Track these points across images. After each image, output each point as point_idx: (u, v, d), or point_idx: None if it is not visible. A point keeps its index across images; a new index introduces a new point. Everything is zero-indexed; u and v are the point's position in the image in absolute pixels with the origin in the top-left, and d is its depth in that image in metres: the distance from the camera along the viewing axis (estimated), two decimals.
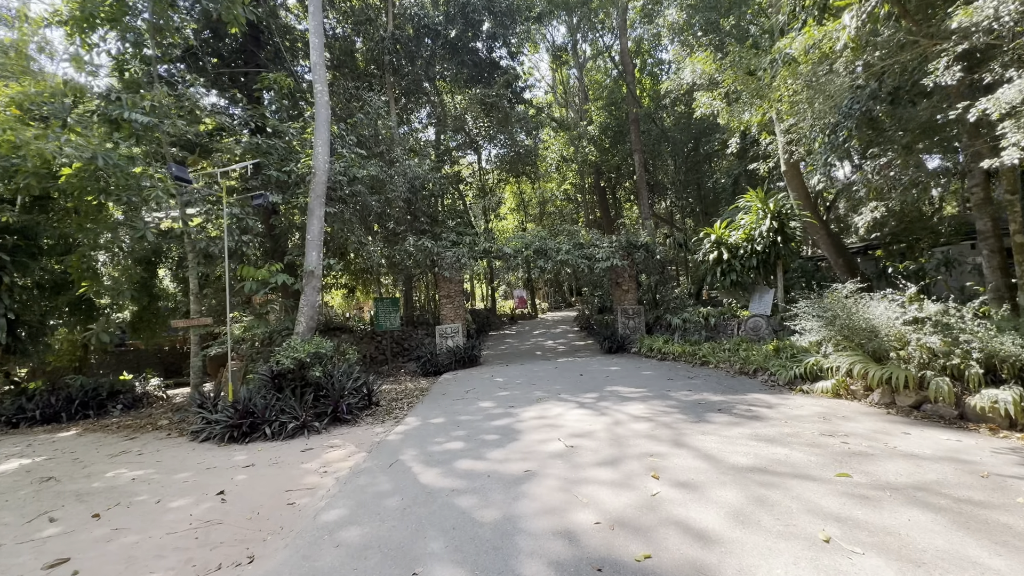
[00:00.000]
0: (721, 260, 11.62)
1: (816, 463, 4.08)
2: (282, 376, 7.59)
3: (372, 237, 13.72)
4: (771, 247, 10.86)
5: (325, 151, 9.61)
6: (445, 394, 9.08)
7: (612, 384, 8.55)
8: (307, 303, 9.18)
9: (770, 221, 10.68)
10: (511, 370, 11.34)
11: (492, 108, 18.98)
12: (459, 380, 10.67)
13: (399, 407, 8.48)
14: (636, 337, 13.62)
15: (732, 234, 11.80)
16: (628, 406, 6.71)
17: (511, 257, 13.62)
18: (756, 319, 11.44)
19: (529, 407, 7.19)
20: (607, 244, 13.62)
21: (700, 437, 5.02)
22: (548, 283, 46.86)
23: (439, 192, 16.87)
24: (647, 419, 5.92)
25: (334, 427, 7.20)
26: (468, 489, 4.05)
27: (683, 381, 8.37)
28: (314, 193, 9.42)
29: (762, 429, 5.18)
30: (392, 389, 10.49)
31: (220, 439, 6.72)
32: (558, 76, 35.24)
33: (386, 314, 13.38)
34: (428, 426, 6.58)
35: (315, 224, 9.40)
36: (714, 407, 6.33)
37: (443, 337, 13.23)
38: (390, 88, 17.83)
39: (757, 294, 11.65)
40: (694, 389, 7.60)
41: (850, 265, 12.80)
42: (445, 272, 13.21)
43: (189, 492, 4.72)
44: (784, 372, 7.55)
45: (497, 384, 9.54)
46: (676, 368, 10.01)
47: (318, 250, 9.40)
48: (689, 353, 10.74)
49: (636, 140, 21.62)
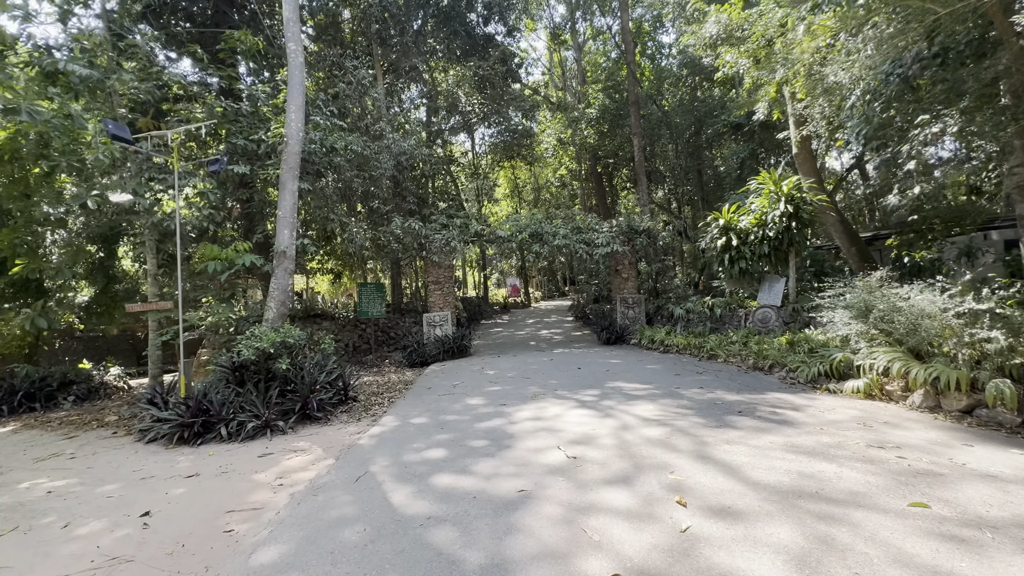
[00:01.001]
0: (730, 246, 10.84)
1: (877, 485, 3.32)
2: (244, 368, 6.72)
3: (355, 217, 12.77)
4: (784, 233, 10.09)
5: (299, 118, 8.63)
6: (430, 388, 8.27)
7: (614, 379, 7.78)
8: (278, 287, 8.29)
9: (784, 205, 9.90)
10: (503, 362, 10.55)
11: (486, 84, 17.95)
12: (447, 372, 9.86)
13: (379, 403, 7.66)
14: (636, 328, 12.87)
15: (742, 219, 11.02)
16: (635, 406, 5.93)
17: (505, 241, 12.76)
18: (765, 310, 10.72)
19: (523, 405, 6.40)
20: (607, 229, 12.79)
21: (726, 447, 4.25)
22: (542, 272, 46.11)
23: (430, 172, 15.89)
24: (659, 422, 5.14)
25: (302, 426, 6.37)
26: (448, 517, 3.24)
27: (692, 377, 7.62)
28: (286, 164, 8.47)
29: (797, 437, 4.42)
30: (374, 382, 9.66)
31: (169, 440, 5.86)
32: (555, 58, 34.08)
33: (370, 300, 12.49)
34: (408, 427, 5.76)
35: (287, 199, 8.46)
36: (733, 408, 5.57)
37: (431, 325, 12.39)
38: (377, 61, 16.72)
39: (767, 283, 10.91)
40: (706, 386, 6.84)
41: (863, 254, 12.09)
42: (434, 256, 12.33)
43: (109, 512, 3.87)
44: (805, 369, 6.81)
45: (488, 378, 8.74)
46: (681, 362, 9.27)
47: (291, 228, 8.47)
48: (695, 346, 10.00)
49: (636, 123, 20.66)
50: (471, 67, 16.64)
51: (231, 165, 8.38)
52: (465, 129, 23.67)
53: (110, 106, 8.01)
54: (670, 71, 24.42)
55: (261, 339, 6.41)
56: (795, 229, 10.04)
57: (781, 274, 10.98)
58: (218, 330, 7.89)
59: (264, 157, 8.92)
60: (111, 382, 10.07)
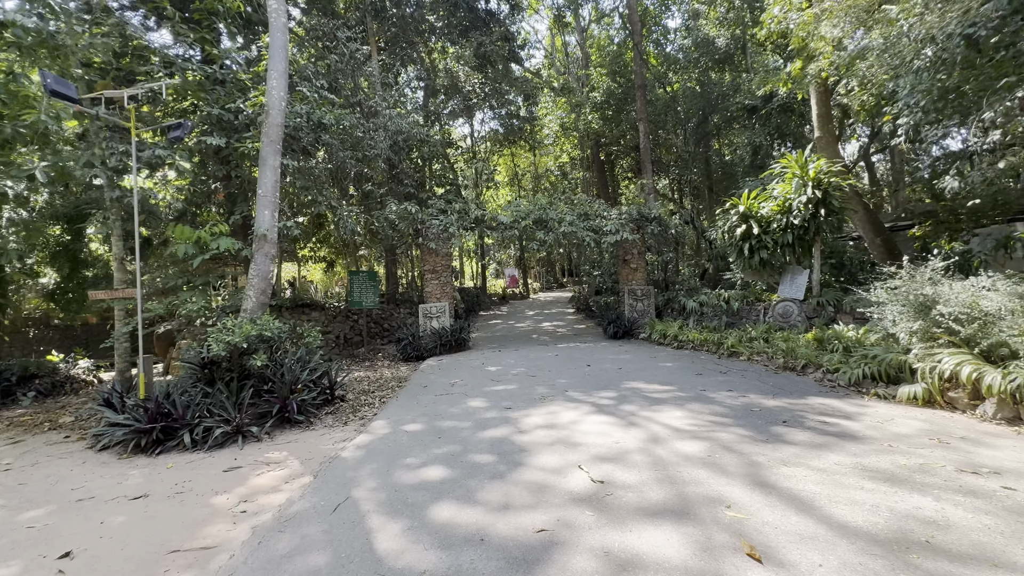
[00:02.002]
0: (750, 235, 10.07)
1: (1001, 531, 2.59)
2: (215, 365, 5.92)
3: (347, 200, 11.92)
4: (811, 221, 9.33)
5: (281, 85, 7.75)
6: (426, 386, 7.52)
7: (629, 379, 7.04)
8: (257, 273, 7.46)
9: (811, 190, 9.12)
10: (505, 357, 9.80)
11: (488, 63, 17.00)
12: (444, 368, 9.11)
13: (369, 403, 6.90)
14: (645, 321, 12.13)
15: (763, 206, 10.25)
16: (661, 412, 5.19)
17: (507, 228, 11.94)
18: (786, 304, 9.99)
19: (531, 409, 5.65)
20: (616, 215, 11.99)
21: (784, 470, 3.52)
22: (540, 262, 45.29)
23: (428, 155, 15.00)
24: (695, 435, 4.40)
25: (280, 432, 5.60)
26: (447, 574, 2.48)
27: (716, 377, 6.89)
28: (267, 137, 7.60)
29: (866, 457, 3.69)
30: (364, 378, 8.89)
31: (124, 448, 5.09)
32: (557, 42, 33.00)
33: (362, 290, 11.69)
34: (400, 436, 5.00)
35: (268, 176, 7.61)
36: (776, 417, 4.84)
37: (427, 317, 11.61)
38: (372, 37, 15.74)
39: (788, 275, 10.17)
40: (736, 388, 6.11)
41: (889, 245, 11.36)
42: (431, 243, 11.51)
43: (22, 550, 3.10)
44: (847, 370, 6.08)
45: (489, 375, 7.99)
46: (699, 359, 8.54)
47: (272, 208, 7.63)
48: (712, 342, 9.27)
49: (642, 108, 19.74)
50: (472, 42, 15.65)
51: (205, 136, 7.50)
52: (465, 113, 22.70)
53: (68, 67, 7.11)
54: (677, 57, 23.48)
55: (233, 332, 5.62)
56: (822, 217, 9.28)
57: (803, 265, 10.24)
58: (194, 321, 7.08)
59: (243, 129, 8.04)
60: (79, 376, 9.26)
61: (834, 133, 11.90)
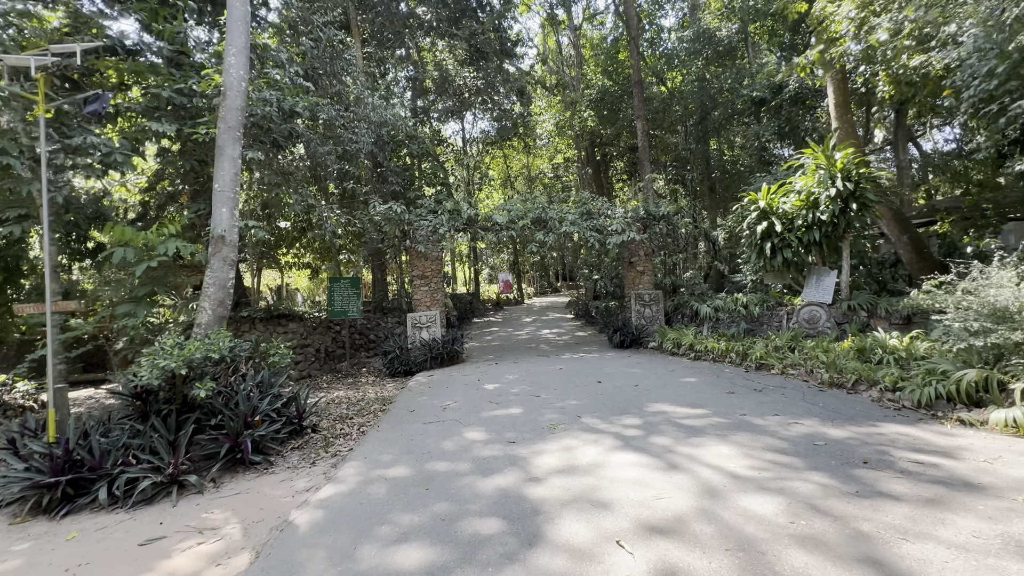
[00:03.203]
0: (771, 233, 9.15)
1: None
2: (151, 396, 4.82)
3: (327, 200, 10.84)
4: (840, 216, 8.43)
5: (241, 63, 6.69)
6: (414, 411, 6.45)
7: (651, 399, 6.03)
8: (214, 281, 6.37)
9: (841, 182, 8.22)
10: (503, 371, 8.76)
11: (479, 55, 16.06)
12: (435, 385, 8.05)
13: (345, 433, 5.82)
14: (654, 329, 11.16)
15: (783, 201, 9.35)
16: (704, 446, 4.18)
17: (502, 229, 10.93)
18: (813, 308, 9.07)
19: (541, 444, 4.61)
20: (621, 214, 11.03)
21: (908, 547, 2.51)
22: (534, 267, 44.35)
23: (417, 152, 13.97)
24: (761, 484, 3.39)
25: (231, 478, 4.50)
26: None
27: (752, 396, 5.90)
28: (224, 123, 6.53)
29: (1008, 522, 2.70)
30: (344, 399, 7.80)
31: (21, 507, 3.97)
32: (550, 42, 32.24)
33: (344, 298, 10.59)
34: (376, 486, 3.93)
35: (226, 168, 6.54)
36: (852, 454, 3.84)
37: (416, 327, 10.54)
38: (355, 25, 14.74)
39: (814, 277, 9.26)
40: (783, 412, 5.12)
41: (917, 243, 10.51)
42: (419, 246, 10.46)
43: None
44: (914, 388, 5.12)
45: (487, 395, 6.94)
46: (723, 373, 7.56)
47: (231, 205, 6.55)
48: (736, 352, 8.30)
49: (639, 105, 18.92)
50: (464, 30, 14.68)
51: (151, 123, 6.41)
52: (456, 112, 21.74)
53: None
54: (676, 50, 22.73)
55: (170, 355, 4.52)
56: (853, 212, 8.39)
57: (830, 266, 9.34)
58: (134, 340, 5.97)
59: (198, 115, 6.96)
60: (13, 401, 8.05)
61: (853, 123, 11.08)
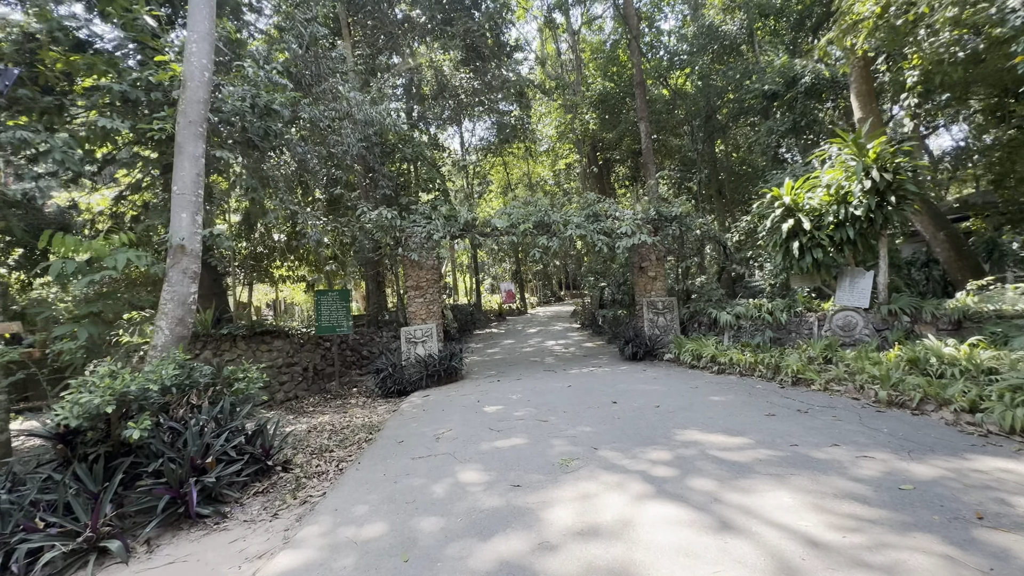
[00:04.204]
0: (798, 232, 8.30)
1: None
2: (79, 437, 3.99)
3: (312, 206, 10.08)
4: (876, 211, 7.59)
5: (204, 51, 5.95)
6: (403, 441, 5.59)
7: (677, 423, 5.16)
8: (172, 297, 5.57)
9: (878, 173, 7.38)
10: (506, 389, 7.90)
11: (475, 55, 15.41)
12: (430, 409, 7.19)
13: (321, 471, 4.97)
14: (669, 339, 10.28)
15: (809, 196, 8.52)
16: (759, 493, 3.31)
17: (503, 234, 10.13)
18: (848, 314, 8.20)
19: (552, 489, 3.75)
20: (630, 215, 10.21)
21: None
22: (537, 275, 43.54)
23: (411, 156, 13.23)
24: (851, 554, 2.51)
25: (173, 536, 3.65)
26: None
27: (797, 420, 5.02)
28: (184, 117, 5.78)
29: None
30: (328, 425, 6.95)
31: None
32: (549, 48, 31.76)
33: (332, 312, 9.78)
34: (346, 553, 3.07)
35: (186, 168, 5.76)
36: (955, 502, 2.96)
37: (411, 342, 9.70)
38: (346, 28, 14.13)
39: (847, 279, 8.39)
40: (842, 441, 4.24)
41: (954, 240, 9.65)
42: (412, 254, 9.66)
43: None
44: (1005, 410, 4.23)
45: (487, 420, 6.07)
46: (754, 389, 6.68)
47: (192, 210, 5.77)
48: (766, 365, 7.40)
49: (642, 106, 18.22)
50: (456, 28, 14.02)
51: (101, 119, 5.66)
52: (453, 120, 21.10)
53: None
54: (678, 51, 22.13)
55: (96, 390, 3.69)
56: (891, 206, 7.55)
57: (865, 266, 8.48)
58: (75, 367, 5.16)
59: (155, 107, 6.21)
60: None
61: (879, 113, 10.29)
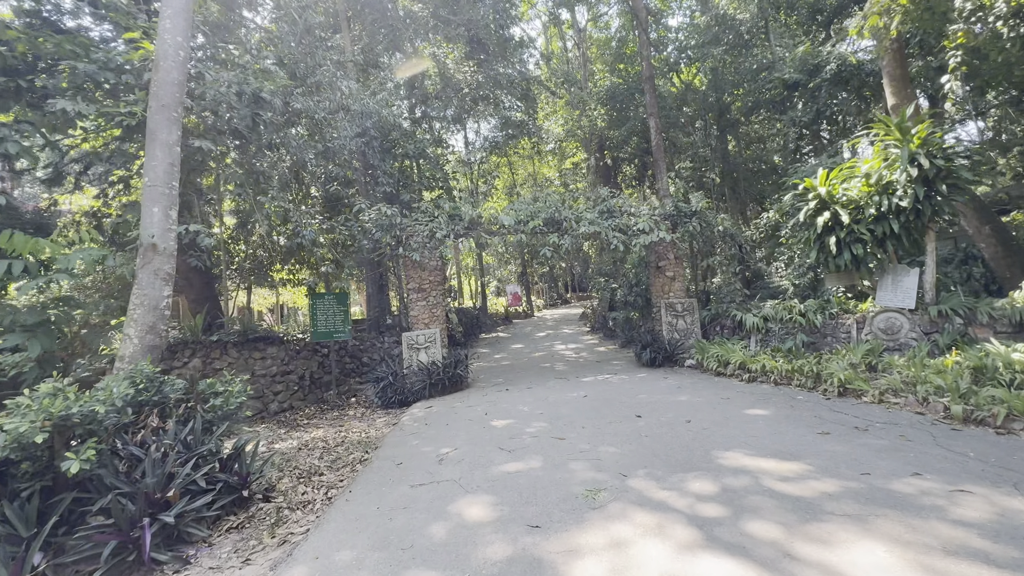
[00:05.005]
0: (835, 226, 7.58)
1: None
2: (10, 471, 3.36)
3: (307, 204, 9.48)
4: (924, 203, 6.86)
5: (179, 27, 5.36)
6: (401, 464, 4.93)
7: (716, 442, 4.46)
8: (142, 302, 4.97)
9: (927, 160, 6.65)
10: (516, 400, 7.22)
11: (478, 46, 14.83)
12: (433, 422, 6.53)
13: (306, 501, 4.32)
14: (690, 343, 9.57)
15: (844, 188, 7.80)
16: (838, 542, 2.61)
17: (510, 232, 9.48)
18: (891, 316, 7.46)
19: (577, 532, 3.06)
20: (647, 211, 9.53)
21: None
22: (543, 278, 42.84)
23: (413, 153, 12.63)
24: None
25: None
26: None
27: (855, 438, 4.31)
28: (157, 100, 5.18)
29: None
30: (321, 441, 6.31)
31: None
32: (555, 46, 31.16)
33: (329, 316, 9.16)
34: None
35: (159, 157, 5.16)
36: None
37: (413, 348, 9.07)
38: (346, 26, 13.59)
39: (889, 277, 7.65)
40: (923, 468, 3.53)
41: (1001, 234, 8.86)
42: (414, 254, 9.03)
43: None
44: None
45: (496, 437, 5.40)
46: (795, 401, 5.96)
47: (165, 205, 5.17)
48: (805, 373, 6.67)
49: (652, 102, 17.50)
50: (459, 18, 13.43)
51: (64, 102, 5.07)
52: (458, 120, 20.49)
53: None
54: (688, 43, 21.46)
55: (27, 416, 3.06)
56: (939, 196, 6.82)
57: (909, 263, 7.74)
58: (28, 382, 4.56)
59: (124, 91, 5.62)
60: None
61: (914, 98, 9.54)
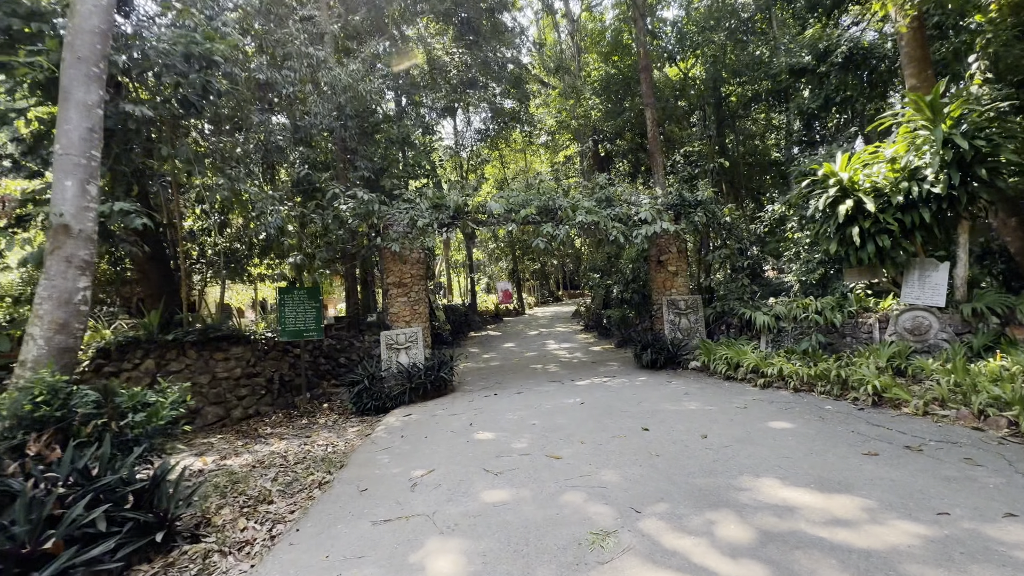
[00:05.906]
0: (859, 215, 6.86)
1: None
2: None
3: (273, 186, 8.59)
4: (959, 189, 6.18)
5: None
6: (366, 491, 4.12)
7: (740, 465, 3.71)
8: (51, 295, 4.08)
9: (965, 140, 5.95)
10: (504, 408, 6.43)
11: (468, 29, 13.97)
12: (410, 434, 5.72)
13: (244, 541, 3.49)
14: (694, 343, 8.85)
15: (866, 174, 7.10)
16: None
17: (500, 222, 8.68)
18: (918, 315, 6.78)
19: None
20: (648, 200, 8.77)
21: None
22: (535, 275, 42.10)
23: (397, 137, 11.74)
24: None
25: None
26: None
27: (909, 461, 3.58)
28: (72, 52, 4.28)
29: None
30: (281, 456, 5.46)
31: None
32: (548, 38, 30.33)
33: (299, 313, 8.29)
34: None
35: (73, 119, 4.27)
36: None
37: (392, 348, 8.25)
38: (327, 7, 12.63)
39: (916, 272, 6.97)
40: (1016, 507, 2.81)
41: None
42: (393, 245, 8.20)
43: None
44: None
45: (481, 455, 4.61)
46: (823, 410, 5.24)
47: (81, 177, 4.27)
48: (830, 379, 5.97)
49: (648, 92, 16.74)
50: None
51: None
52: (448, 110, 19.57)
53: None
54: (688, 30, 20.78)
55: None
56: (977, 181, 6.14)
57: (938, 256, 7.06)
58: None
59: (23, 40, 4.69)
60: None
61: (934, 80, 8.88)
